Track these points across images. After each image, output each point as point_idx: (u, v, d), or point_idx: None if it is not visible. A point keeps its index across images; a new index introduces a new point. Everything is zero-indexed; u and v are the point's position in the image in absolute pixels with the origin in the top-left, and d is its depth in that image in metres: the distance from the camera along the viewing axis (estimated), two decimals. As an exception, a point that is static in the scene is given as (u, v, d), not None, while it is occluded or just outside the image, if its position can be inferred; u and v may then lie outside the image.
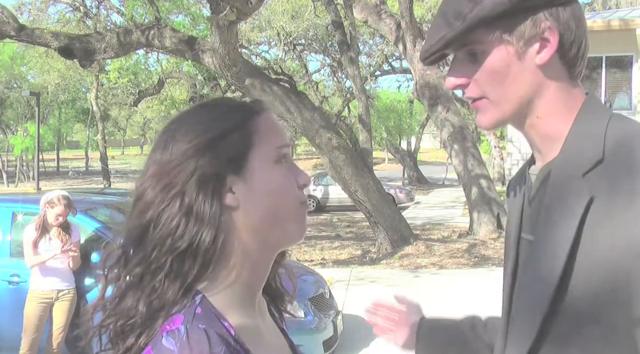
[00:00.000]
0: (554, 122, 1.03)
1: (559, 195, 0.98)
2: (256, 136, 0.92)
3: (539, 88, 1.02)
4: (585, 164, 0.96)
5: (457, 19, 0.99)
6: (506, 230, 1.19)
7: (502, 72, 1.01)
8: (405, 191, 21.54)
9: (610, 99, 14.84)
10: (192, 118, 0.94)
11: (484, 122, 1.06)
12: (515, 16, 0.98)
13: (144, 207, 0.90)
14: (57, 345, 4.70)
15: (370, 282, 8.46)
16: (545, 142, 1.05)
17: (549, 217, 0.99)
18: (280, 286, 1.08)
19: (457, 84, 1.05)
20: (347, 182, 10.39)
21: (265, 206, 0.91)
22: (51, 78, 27.51)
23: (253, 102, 1.00)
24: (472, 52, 1.02)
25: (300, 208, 0.95)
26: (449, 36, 1.00)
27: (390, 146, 33.88)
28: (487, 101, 1.03)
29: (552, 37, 0.98)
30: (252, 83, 9.94)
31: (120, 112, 41.97)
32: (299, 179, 0.95)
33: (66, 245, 4.68)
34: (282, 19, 21.85)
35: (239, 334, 0.87)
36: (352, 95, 20.79)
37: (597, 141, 0.97)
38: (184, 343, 0.81)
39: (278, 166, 0.93)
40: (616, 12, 16.84)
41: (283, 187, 0.93)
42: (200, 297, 0.88)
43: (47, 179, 33.21)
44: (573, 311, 0.93)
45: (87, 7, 16.86)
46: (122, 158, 56.22)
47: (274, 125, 0.97)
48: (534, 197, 1.07)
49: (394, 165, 41.76)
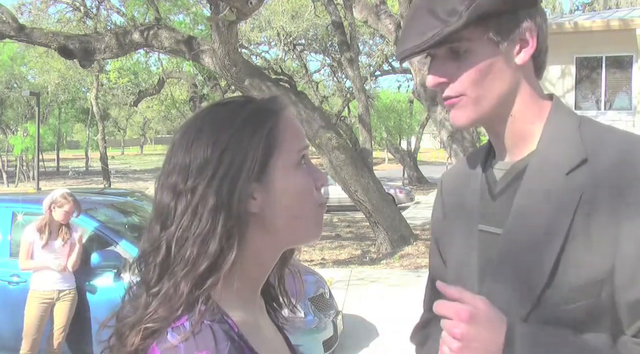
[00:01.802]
0: (527, 122, 1.07)
1: (543, 191, 1.01)
2: (277, 142, 0.91)
3: (516, 87, 1.05)
4: (567, 164, 1.00)
5: (451, 15, 0.99)
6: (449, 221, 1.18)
7: (485, 71, 1.02)
8: (405, 191, 21.52)
9: (610, 99, 14.84)
10: (213, 120, 0.92)
11: (461, 120, 1.07)
12: (503, 16, 1.00)
13: (164, 213, 0.89)
14: (58, 345, 4.70)
15: (370, 282, 8.47)
16: (516, 140, 1.08)
17: (529, 212, 1.01)
18: (280, 286, 1.07)
19: (439, 82, 1.06)
20: (347, 182, 10.39)
21: (285, 211, 0.91)
22: (51, 78, 27.47)
23: (272, 100, 0.97)
24: (455, 50, 1.03)
25: (319, 210, 0.95)
26: (445, 32, 0.99)
27: (390, 146, 33.85)
28: (465, 98, 1.04)
29: (532, 39, 1.03)
30: (252, 83, 9.94)
31: (120, 112, 41.97)
32: (317, 181, 0.95)
33: (67, 243, 4.70)
34: (282, 19, 21.83)
35: (242, 330, 0.88)
36: (352, 95, 20.78)
37: (575, 142, 1.02)
38: (189, 339, 0.81)
39: (299, 170, 0.92)
40: (616, 12, 16.83)
41: (303, 191, 0.92)
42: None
43: (47, 179, 33.19)
44: (558, 299, 0.96)
45: (87, 7, 16.85)
46: (122, 158, 56.20)
47: (293, 126, 0.95)
48: (501, 191, 1.08)
49: (394, 165, 41.74)
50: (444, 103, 1.08)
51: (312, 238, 0.96)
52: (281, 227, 0.92)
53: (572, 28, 13.98)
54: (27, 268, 4.72)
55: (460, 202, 1.17)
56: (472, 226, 1.11)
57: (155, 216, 0.90)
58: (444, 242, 1.22)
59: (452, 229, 1.17)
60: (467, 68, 1.02)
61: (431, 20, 1.01)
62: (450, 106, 1.06)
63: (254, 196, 0.89)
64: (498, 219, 1.07)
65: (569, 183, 0.98)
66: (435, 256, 1.27)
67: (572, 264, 0.95)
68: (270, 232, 0.92)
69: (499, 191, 1.09)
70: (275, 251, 0.96)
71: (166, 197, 0.89)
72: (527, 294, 0.98)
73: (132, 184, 30.15)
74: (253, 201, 0.89)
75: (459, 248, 1.14)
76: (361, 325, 6.38)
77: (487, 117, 1.06)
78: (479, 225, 1.10)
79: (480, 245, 1.09)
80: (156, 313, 0.86)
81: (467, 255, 1.12)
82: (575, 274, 0.95)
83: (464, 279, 1.10)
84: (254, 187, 0.89)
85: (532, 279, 0.98)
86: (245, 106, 0.94)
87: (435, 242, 1.27)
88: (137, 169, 43.76)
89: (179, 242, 0.87)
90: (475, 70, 1.02)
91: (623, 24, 13.55)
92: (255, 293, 0.97)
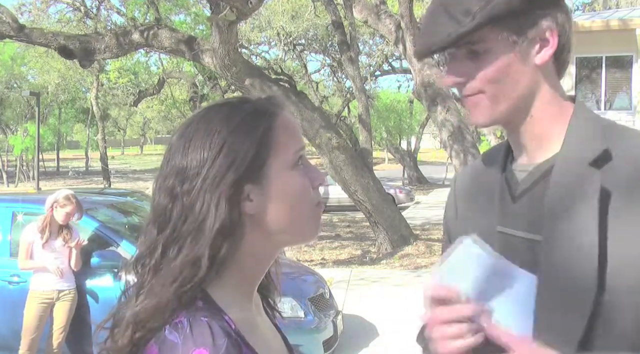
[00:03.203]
0: (547, 122, 1.05)
1: (572, 189, 0.99)
2: (273, 143, 0.91)
3: (536, 87, 1.04)
4: (589, 157, 0.98)
5: (465, 15, 0.99)
6: (464, 221, 1.16)
7: (504, 71, 1.01)
8: (405, 191, 21.52)
9: (610, 99, 14.85)
10: (210, 121, 0.92)
11: (481, 119, 1.06)
12: (521, 15, 0.99)
13: (161, 215, 0.90)
14: (58, 345, 4.70)
15: (371, 282, 8.46)
16: (536, 141, 1.06)
17: (562, 213, 0.98)
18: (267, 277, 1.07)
19: (457, 82, 1.05)
20: (347, 183, 10.39)
21: (282, 211, 0.91)
22: (51, 78, 27.48)
23: (269, 101, 0.97)
24: (473, 50, 1.02)
25: (316, 209, 0.95)
26: (459, 32, 0.99)
27: (390, 146, 33.85)
28: (483, 97, 1.04)
29: (552, 38, 1.01)
30: (252, 83, 9.94)
31: (120, 112, 41.98)
32: (314, 180, 0.94)
33: (69, 243, 4.70)
34: (282, 19, 21.83)
35: (239, 327, 0.88)
36: (352, 95, 20.78)
37: (600, 141, 1.00)
38: (187, 335, 0.82)
39: (295, 171, 0.92)
40: (616, 12, 16.83)
41: (300, 192, 0.92)
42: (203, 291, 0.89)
43: (47, 179, 33.19)
44: (614, 306, 0.92)
45: (87, 7, 16.86)
46: (122, 158, 56.20)
47: (291, 127, 0.95)
48: (522, 193, 1.07)
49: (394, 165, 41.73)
50: (464, 103, 1.07)
51: (309, 238, 0.96)
52: (278, 228, 0.92)
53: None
54: (26, 267, 4.72)
55: (477, 202, 1.15)
56: (490, 227, 1.09)
57: (153, 218, 0.91)
58: None
59: (468, 229, 1.13)
60: (485, 67, 1.01)
61: (446, 20, 1.01)
62: (471, 105, 1.06)
63: (250, 197, 0.90)
64: (518, 221, 1.05)
65: (590, 173, 0.97)
66: None
67: (615, 269, 0.92)
68: (267, 233, 0.92)
69: (521, 193, 1.07)
70: (273, 251, 0.97)
71: (163, 200, 0.90)
72: (581, 300, 0.93)
73: (132, 184, 30.15)
74: (249, 203, 0.90)
75: None
76: (361, 325, 6.38)
77: (506, 117, 1.05)
78: (498, 226, 1.08)
79: (499, 247, 1.06)
80: (145, 311, 0.87)
81: None
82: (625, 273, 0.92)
83: None
84: (249, 189, 0.89)
85: (580, 288, 0.93)
86: (241, 107, 0.94)
87: (449, 241, 1.25)
88: (137, 169, 43.76)
89: (174, 244, 0.88)
90: (493, 69, 1.01)
91: (623, 24, 13.55)
92: (252, 290, 0.97)
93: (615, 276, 0.93)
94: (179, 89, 27.69)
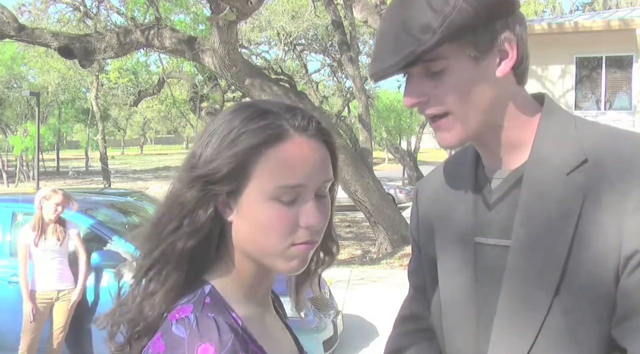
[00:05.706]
0: (517, 130, 1.04)
1: (545, 195, 0.99)
2: (259, 168, 0.88)
3: (500, 99, 1.02)
4: (567, 165, 0.98)
5: (425, 32, 0.95)
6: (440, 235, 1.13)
7: (465, 87, 0.99)
8: (405, 191, 21.54)
9: (610, 99, 14.84)
10: (224, 124, 0.91)
11: (450, 140, 1.03)
12: (478, 29, 0.96)
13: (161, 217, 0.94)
14: (57, 345, 4.70)
15: (371, 282, 8.46)
16: (508, 149, 1.05)
17: (534, 218, 0.99)
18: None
19: (418, 102, 1.02)
20: (347, 182, 10.39)
21: (251, 237, 0.91)
22: (51, 78, 27.52)
23: (285, 123, 0.90)
24: (431, 68, 0.99)
25: (291, 248, 0.90)
26: (419, 51, 0.95)
27: (390, 145, 33.85)
28: (452, 118, 1.01)
29: (511, 49, 0.99)
30: (252, 83, 9.95)
31: (120, 112, 41.96)
32: (301, 220, 0.89)
33: (63, 242, 4.68)
34: (282, 19, 21.84)
35: (246, 324, 0.89)
36: (352, 95, 20.78)
37: (572, 142, 1.00)
38: (194, 331, 0.83)
39: (271, 203, 0.88)
40: (616, 12, 16.83)
41: (269, 225, 0.88)
42: (210, 287, 0.90)
43: (47, 179, 33.17)
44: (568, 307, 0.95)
45: (87, 7, 16.85)
46: (122, 158, 56.20)
47: (290, 160, 0.88)
48: (497, 200, 1.05)
49: (394, 165, 41.73)
50: (429, 122, 1.04)
51: (284, 271, 0.92)
52: (250, 250, 0.92)
53: (572, 28, 13.97)
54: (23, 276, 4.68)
55: (449, 213, 1.12)
56: (466, 239, 1.07)
57: (156, 220, 0.94)
58: (429, 253, 1.17)
59: (444, 240, 1.12)
60: (446, 86, 0.98)
61: (404, 37, 0.96)
62: (439, 128, 1.02)
63: (230, 207, 0.91)
64: (495, 230, 1.04)
65: (570, 183, 0.97)
66: (417, 263, 1.26)
67: (580, 268, 0.94)
68: (246, 250, 0.93)
69: (495, 201, 1.06)
70: (264, 268, 0.95)
71: (164, 203, 0.94)
72: (539, 303, 0.96)
73: (132, 184, 30.16)
74: (229, 210, 0.91)
75: (451, 260, 1.10)
76: (361, 325, 6.38)
77: (475, 134, 1.03)
78: (475, 237, 1.07)
79: (477, 257, 1.06)
80: (138, 308, 0.89)
81: (461, 268, 1.08)
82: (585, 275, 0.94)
83: (458, 289, 1.08)
84: (229, 202, 0.91)
85: (543, 288, 0.96)
86: (252, 120, 0.90)
87: (419, 251, 1.24)
88: (137, 169, 43.76)
89: (167, 241, 0.90)
90: (455, 87, 0.98)
91: (623, 24, 13.54)
92: (259, 289, 0.97)
93: (572, 277, 0.94)
94: (179, 89, 27.66)
